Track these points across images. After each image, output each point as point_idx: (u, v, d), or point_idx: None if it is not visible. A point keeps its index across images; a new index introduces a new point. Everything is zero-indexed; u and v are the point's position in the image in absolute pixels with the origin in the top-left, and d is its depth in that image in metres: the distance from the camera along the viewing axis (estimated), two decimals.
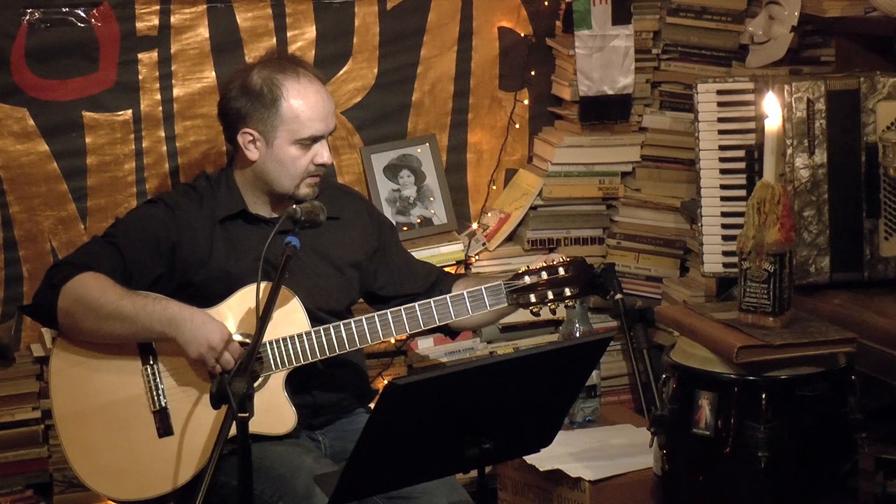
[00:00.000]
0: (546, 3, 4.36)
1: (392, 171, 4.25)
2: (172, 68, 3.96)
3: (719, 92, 3.70)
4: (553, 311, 3.40)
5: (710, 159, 3.72)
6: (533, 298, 3.32)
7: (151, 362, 3.23)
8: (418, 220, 4.25)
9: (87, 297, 3.16)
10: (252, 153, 3.32)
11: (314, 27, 4.10)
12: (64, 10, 3.83)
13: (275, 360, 3.20)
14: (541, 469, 3.58)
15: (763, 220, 3.12)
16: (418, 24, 4.23)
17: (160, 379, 3.22)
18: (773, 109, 3.18)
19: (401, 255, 3.59)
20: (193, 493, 2.70)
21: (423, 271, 3.57)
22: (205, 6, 3.97)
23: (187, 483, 3.18)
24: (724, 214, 3.71)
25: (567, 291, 3.32)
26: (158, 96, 3.96)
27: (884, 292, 3.49)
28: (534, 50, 4.39)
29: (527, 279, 3.31)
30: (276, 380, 3.22)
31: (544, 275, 3.32)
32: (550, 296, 3.32)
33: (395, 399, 2.59)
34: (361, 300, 3.55)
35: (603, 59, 4.26)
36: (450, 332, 3.56)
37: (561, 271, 3.32)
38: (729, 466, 3.11)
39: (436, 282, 3.53)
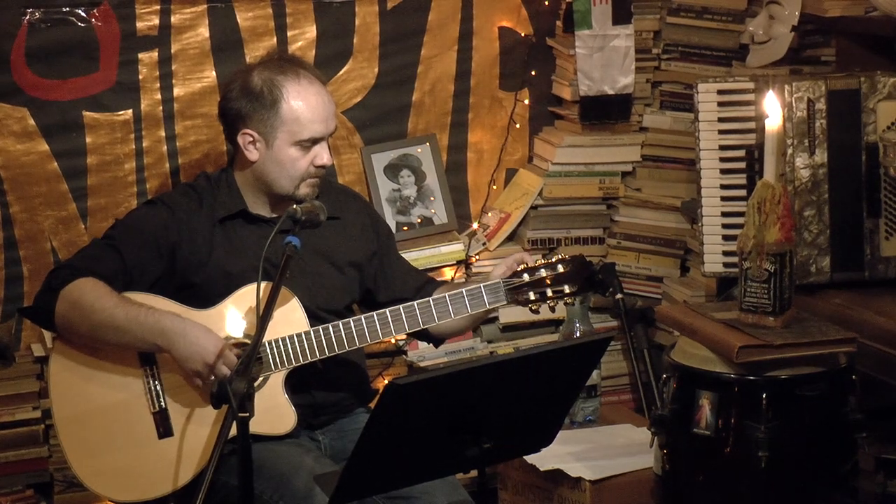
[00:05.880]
0: (546, 3, 4.35)
1: (392, 170, 4.24)
2: (173, 68, 3.96)
3: (720, 92, 3.70)
4: (552, 309, 3.39)
5: (710, 159, 3.72)
6: (532, 296, 3.30)
7: (151, 364, 3.22)
8: (419, 220, 4.25)
9: (82, 304, 3.15)
10: (252, 154, 3.32)
11: (314, 27, 4.10)
12: (64, 9, 3.83)
13: (274, 359, 3.20)
14: (541, 469, 3.58)
15: (763, 219, 3.11)
16: (419, 24, 4.22)
17: (159, 380, 3.22)
18: (773, 109, 3.17)
19: (398, 259, 3.59)
20: (194, 493, 2.69)
21: (415, 277, 3.57)
22: (205, 6, 3.97)
23: (187, 484, 3.18)
24: (724, 214, 3.71)
25: (566, 289, 3.29)
26: (159, 96, 3.96)
27: (884, 292, 3.49)
28: (534, 50, 4.38)
29: (525, 277, 3.30)
30: (276, 380, 3.21)
31: (543, 272, 3.30)
32: (549, 293, 3.29)
33: (395, 399, 2.59)
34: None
35: (603, 58, 4.26)
36: (434, 339, 3.55)
37: (560, 268, 3.30)
38: (729, 466, 3.10)
39: (422, 287, 3.51)
